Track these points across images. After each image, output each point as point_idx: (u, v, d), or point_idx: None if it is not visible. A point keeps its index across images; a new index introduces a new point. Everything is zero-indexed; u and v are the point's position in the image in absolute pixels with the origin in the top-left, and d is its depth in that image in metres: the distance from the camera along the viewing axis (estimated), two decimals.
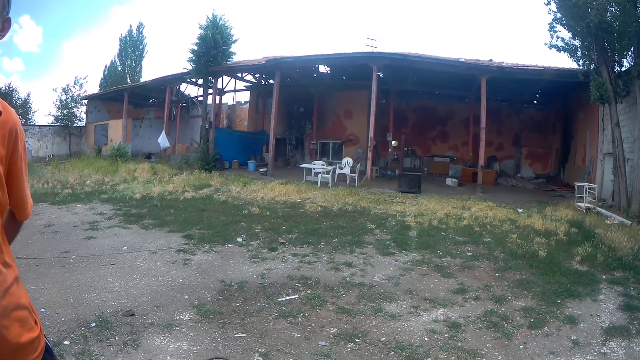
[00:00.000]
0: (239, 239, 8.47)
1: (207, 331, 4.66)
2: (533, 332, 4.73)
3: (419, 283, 6.23)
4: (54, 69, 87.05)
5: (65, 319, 4.83)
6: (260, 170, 21.04)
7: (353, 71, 24.02)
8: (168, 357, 4.06)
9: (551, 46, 14.96)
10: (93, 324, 4.70)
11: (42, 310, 5.06)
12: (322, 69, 25.66)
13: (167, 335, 4.53)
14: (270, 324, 4.87)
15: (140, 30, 48.65)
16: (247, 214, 10.92)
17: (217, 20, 22.94)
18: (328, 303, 5.40)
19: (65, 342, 4.28)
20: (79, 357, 4.01)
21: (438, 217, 10.72)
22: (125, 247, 7.88)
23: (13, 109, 1.68)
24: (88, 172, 19.22)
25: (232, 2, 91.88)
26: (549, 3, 14.69)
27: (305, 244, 8.16)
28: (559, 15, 14.48)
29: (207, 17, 23.14)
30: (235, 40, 23.50)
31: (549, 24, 14.88)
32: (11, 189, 1.67)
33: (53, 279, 6.12)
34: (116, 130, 31.21)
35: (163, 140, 25.93)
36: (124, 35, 48.35)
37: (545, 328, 4.84)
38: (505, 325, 4.87)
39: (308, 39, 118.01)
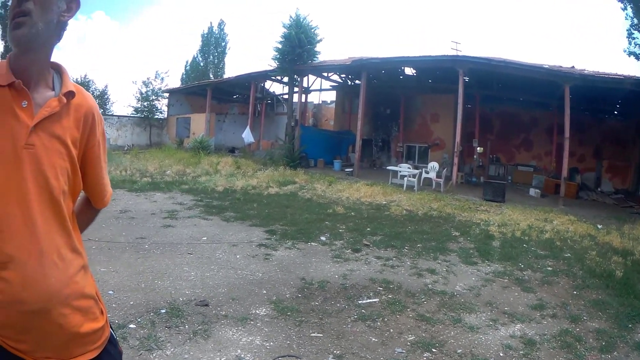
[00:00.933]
0: (323, 238, 8.40)
1: (283, 328, 4.59)
2: (603, 356, 4.46)
3: (499, 295, 5.98)
4: (130, 63, 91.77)
5: (134, 303, 4.90)
6: (346, 170, 21.06)
7: (439, 74, 23.68)
8: (239, 351, 4.01)
9: (630, 53, 14.00)
10: (163, 311, 4.75)
11: (110, 292, 5.18)
12: (408, 71, 25.45)
13: (240, 328, 4.51)
14: (348, 326, 4.76)
15: (222, 27, 50.62)
16: (331, 213, 10.86)
17: (301, 20, 23.27)
18: (408, 309, 5.25)
19: (131, 326, 4.34)
20: (144, 341, 4.06)
21: (521, 228, 10.29)
22: (205, 238, 8.00)
23: (90, 95, 1.72)
24: (169, 163, 19.93)
25: (313, 2, 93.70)
26: (625, 8, 13.77)
27: (389, 247, 8.00)
28: (635, 20, 13.54)
29: (290, 17, 23.56)
30: (320, 40, 23.73)
31: (626, 30, 13.96)
32: (87, 174, 1.71)
33: (125, 263, 6.28)
34: (199, 123, 32.30)
35: (247, 136, 26.49)
36: (205, 32, 50.54)
37: (615, 353, 4.53)
38: (578, 346, 4.61)
39: (390, 40, 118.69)
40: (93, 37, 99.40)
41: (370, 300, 5.46)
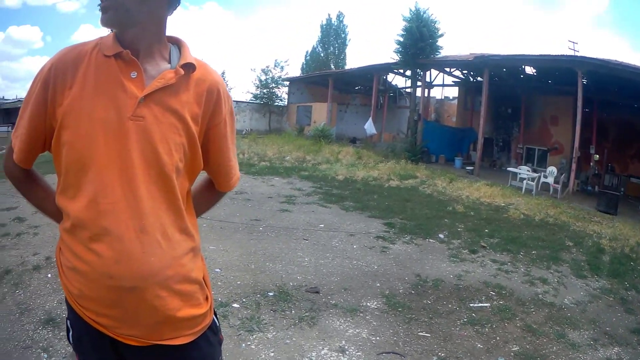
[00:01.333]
0: (441, 235, 8.21)
1: (392, 323, 4.51)
2: None
3: (603, 314, 5.55)
4: (246, 52, 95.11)
5: (241, 283, 5.03)
6: (467, 168, 20.60)
7: (557, 75, 22.39)
8: (343, 342, 3.98)
9: None
10: (271, 294, 4.82)
11: (217, 270, 5.37)
12: (528, 70, 24.34)
13: (348, 319, 4.49)
14: (457, 328, 4.60)
15: (341, 19, 51.51)
16: (451, 210, 10.60)
17: (421, 14, 22.94)
18: (517, 318, 5.00)
19: (234, 305, 4.45)
20: (245, 321, 4.15)
21: (630, 244, 9.47)
22: (322, 225, 8.10)
23: (216, 71, 1.66)
24: (288, 149, 20.41)
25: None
26: None
27: (505, 251, 7.66)
28: None
29: (410, 10, 23.23)
30: (441, 35, 23.27)
31: None
32: (211, 154, 1.64)
33: (236, 244, 6.47)
34: (320, 112, 32.89)
35: (370, 127, 26.55)
36: (323, 23, 51.75)
37: None
38: None
39: (509, 37, 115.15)
40: (206, 27, 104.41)
41: (482, 305, 5.27)
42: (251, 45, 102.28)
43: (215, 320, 1.69)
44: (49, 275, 6.21)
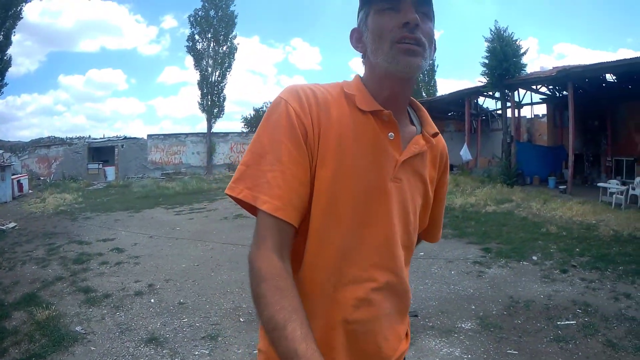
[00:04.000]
0: (534, 257, 8.35)
1: (483, 343, 4.87)
2: None
3: None
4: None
5: None
6: (560, 187, 19.82)
7: (636, 79, 20.93)
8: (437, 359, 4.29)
9: None
10: None
11: None
12: (608, 77, 22.89)
13: (443, 339, 4.91)
14: (543, 345, 4.84)
15: None
16: (545, 232, 10.59)
17: (502, 33, 22.39)
18: (599, 334, 5.10)
19: None
20: None
21: None
22: (422, 253, 8.49)
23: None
24: None
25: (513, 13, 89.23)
26: None
27: (594, 269, 7.63)
28: None
29: (491, 30, 22.76)
30: (524, 52, 22.53)
31: None
32: (432, 211, 1.65)
33: None
34: None
35: (465, 153, 26.23)
36: None
37: None
38: None
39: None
40: (297, 62, 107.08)
41: (568, 322, 5.44)
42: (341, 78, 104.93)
43: None
44: (152, 301, 6.84)
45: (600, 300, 6.23)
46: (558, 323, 5.40)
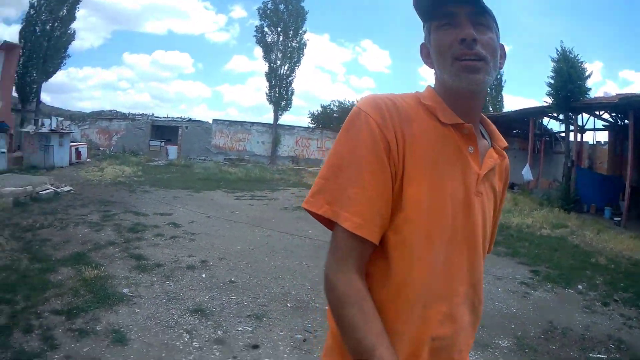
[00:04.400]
0: (580, 286, 8.52)
1: None
2: None
3: None
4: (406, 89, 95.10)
5: None
6: (615, 219, 19.36)
7: None
8: None
9: None
10: None
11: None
12: None
13: (479, 353, 5.20)
14: None
15: None
16: (594, 262, 10.77)
17: (567, 54, 21.75)
18: None
19: None
20: None
21: None
22: None
23: None
24: None
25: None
26: None
27: (634, 306, 7.73)
28: None
29: (557, 49, 22.13)
30: (589, 75, 21.80)
31: None
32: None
33: None
34: None
35: (527, 173, 26.03)
36: None
37: None
38: None
39: None
40: (367, 64, 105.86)
41: (600, 356, 5.61)
42: (409, 83, 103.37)
43: None
44: (203, 275, 7.26)
45: (634, 339, 6.39)
46: (590, 355, 5.56)
